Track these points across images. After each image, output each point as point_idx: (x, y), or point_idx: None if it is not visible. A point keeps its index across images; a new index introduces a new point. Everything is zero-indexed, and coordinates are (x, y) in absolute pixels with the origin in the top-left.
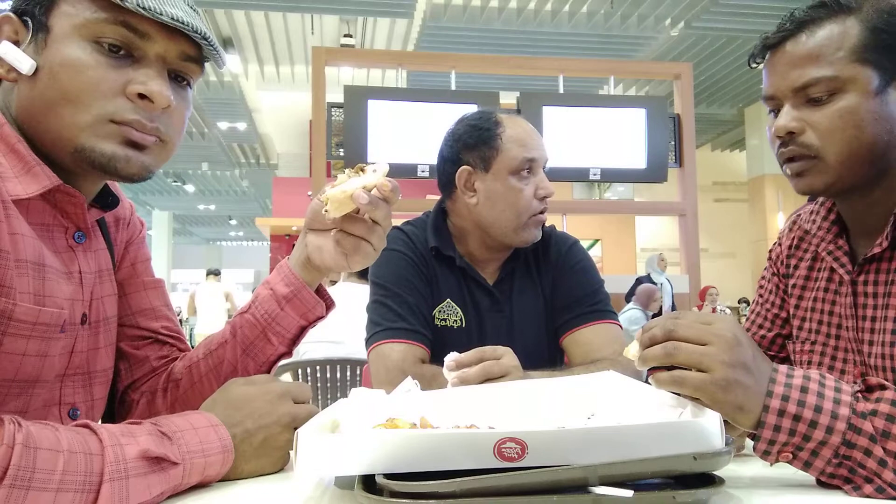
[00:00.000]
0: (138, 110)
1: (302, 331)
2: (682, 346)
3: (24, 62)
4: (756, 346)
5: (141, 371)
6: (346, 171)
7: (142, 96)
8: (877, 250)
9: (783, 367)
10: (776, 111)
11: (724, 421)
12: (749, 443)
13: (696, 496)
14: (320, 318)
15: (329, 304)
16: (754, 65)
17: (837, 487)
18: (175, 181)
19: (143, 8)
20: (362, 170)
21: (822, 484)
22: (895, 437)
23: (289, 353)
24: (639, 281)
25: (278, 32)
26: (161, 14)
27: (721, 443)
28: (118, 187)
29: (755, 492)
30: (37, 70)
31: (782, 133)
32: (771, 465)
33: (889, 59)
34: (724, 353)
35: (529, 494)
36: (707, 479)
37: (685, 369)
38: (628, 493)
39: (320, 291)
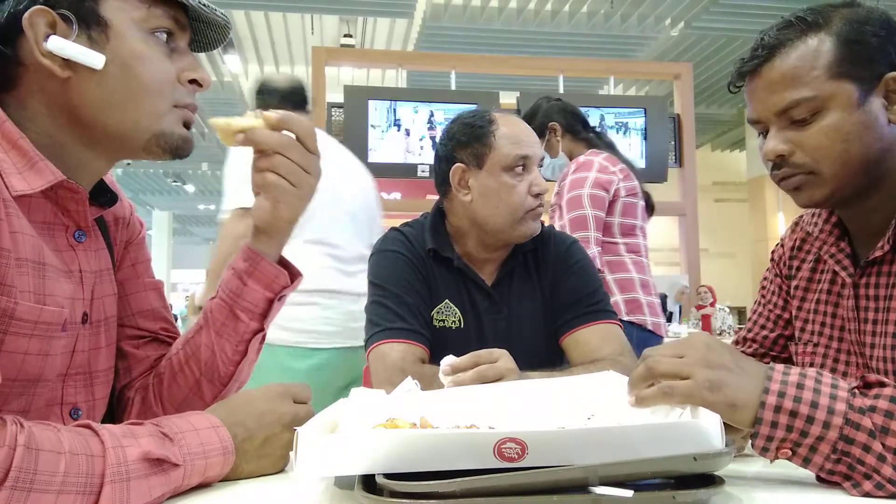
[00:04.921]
0: (191, 94)
1: (270, 304)
2: (661, 359)
3: (95, 57)
4: (733, 349)
5: (139, 370)
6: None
7: (191, 81)
8: (878, 253)
9: (779, 366)
10: (764, 133)
11: (725, 423)
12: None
13: (696, 496)
14: (286, 287)
15: (294, 274)
16: (734, 90)
17: (838, 486)
18: (175, 181)
19: (201, 3)
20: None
21: (822, 481)
22: (894, 433)
23: (262, 329)
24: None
25: (278, 32)
26: (207, 7)
27: (721, 443)
28: (116, 184)
29: (755, 491)
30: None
31: (772, 157)
32: (771, 461)
33: (866, 70)
34: (700, 360)
35: (529, 494)
36: (707, 479)
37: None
38: (628, 493)
39: (285, 263)
